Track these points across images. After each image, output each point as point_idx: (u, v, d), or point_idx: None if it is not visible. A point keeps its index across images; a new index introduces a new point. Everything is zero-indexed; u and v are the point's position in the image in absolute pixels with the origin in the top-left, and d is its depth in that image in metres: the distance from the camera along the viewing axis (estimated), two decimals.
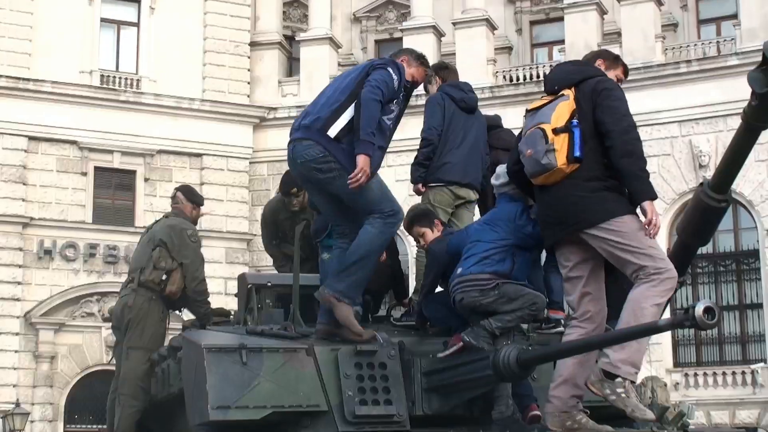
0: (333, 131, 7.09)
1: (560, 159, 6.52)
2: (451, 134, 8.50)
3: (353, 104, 7.12)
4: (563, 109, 6.63)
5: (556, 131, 6.57)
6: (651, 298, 6.39)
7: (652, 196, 6.49)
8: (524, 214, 7.24)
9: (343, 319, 6.99)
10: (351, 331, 6.99)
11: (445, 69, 8.89)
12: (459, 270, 7.18)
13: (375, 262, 7.15)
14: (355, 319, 7.03)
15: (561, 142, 6.54)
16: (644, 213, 6.42)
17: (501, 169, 7.46)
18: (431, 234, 7.93)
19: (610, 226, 6.50)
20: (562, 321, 8.07)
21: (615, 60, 7.17)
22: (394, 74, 7.20)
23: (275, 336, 7.04)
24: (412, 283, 9.52)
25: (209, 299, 9.12)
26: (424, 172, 8.47)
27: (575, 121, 6.59)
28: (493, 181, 7.58)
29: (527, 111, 6.91)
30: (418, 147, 8.59)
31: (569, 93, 6.70)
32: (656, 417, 7.90)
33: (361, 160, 6.91)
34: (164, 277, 8.99)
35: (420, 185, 8.56)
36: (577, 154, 6.51)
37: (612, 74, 6.98)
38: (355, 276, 7.06)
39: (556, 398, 6.65)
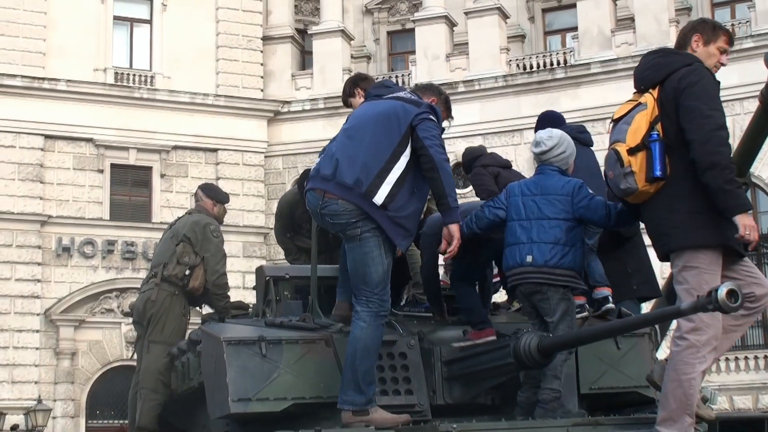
0: (379, 198, 6.60)
1: (640, 181, 6.00)
2: None
3: (399, 162, 6.66)
4: (640, 121, 6.07)
5: (631, 151, 6.01)
6: (693, 365, 5.87)
7: (743, 209, 5.79)
8: (582, 189, 6.94)
9: (387, 423, 6.57)
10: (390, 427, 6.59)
11: (364, 80, 8.33)
12: (529, 257, 6.87)
13: (377, 350, 6.71)
14: (389, 415, 6.61)
15: (639, 163, 5.98)
16: (736, 228, 5.76)
17: (541, 135, 7.22)
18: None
19: (680, 258, 5.97)
20: (610, 297, 7.98)
21: (714, 30, 6.36)
22: (435, 120, 6.84)
23: (294, 327, 6.99)
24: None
25: (228, 294, 9.12)
26: None
27: (655, 133, 5.99)
28: (533, 149, 7.28)
29: (612, 120, 6.35)
30: None
31: (649, 98, 6.11)
32: None
33: (455, 230, 6.65)
34: (187, 272, 9.00)
35: None
36: (657, 174, 5.95)
37: (713, 48, 6.29)
38: (362, 370, 6.60)
39: None
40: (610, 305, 8.05)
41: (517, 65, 33.98)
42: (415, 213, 6.77)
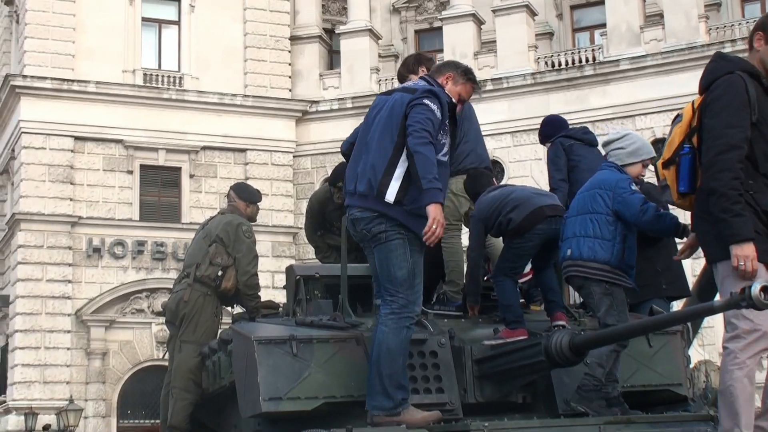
0: (390, 196, 6.58)
1: (674, 194, 6.01)
2: (462, 123, 8.38)
3: (403, 156, 6.63)
4: (675, 134, 6.03)
5: (665, 164, 6.00)
6: (732, 372, 5.79)
7: (737, 239, 5.70)
8: (623, 184, 6.96)
9: (418, 423, 6.49)
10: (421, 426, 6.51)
11: (428, 61, 8.34)
12: (569, 251, 6.96)
13: (403, 355, 6.60)
14: (419, 414, 6.54)
15: (671, 177, 5.97)
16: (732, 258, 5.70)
17: (615, 128, 7.23)
18: None
19: (718, 269, 5.93)
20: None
21: None
22: (432, 104, 6.67)
23: (325, 326, 6.99)
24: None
25: (259, 294, 9.12)
26: None
27: (687, 147, 5.93)
28: (606, 142, 7.34)
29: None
30: None
31: (687, 109, 6.03)
32: (712, 400, 7.82)
33: (432, 210, 6.38)
34: (220, 273, 8.99)
35: None
36: (681, 189, 5.94)
37: None
38: (387, 374, 6.53)
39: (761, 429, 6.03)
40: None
41: (546, 63, 33.86)
42: None
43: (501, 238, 7.79)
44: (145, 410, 32.31)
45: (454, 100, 6.91)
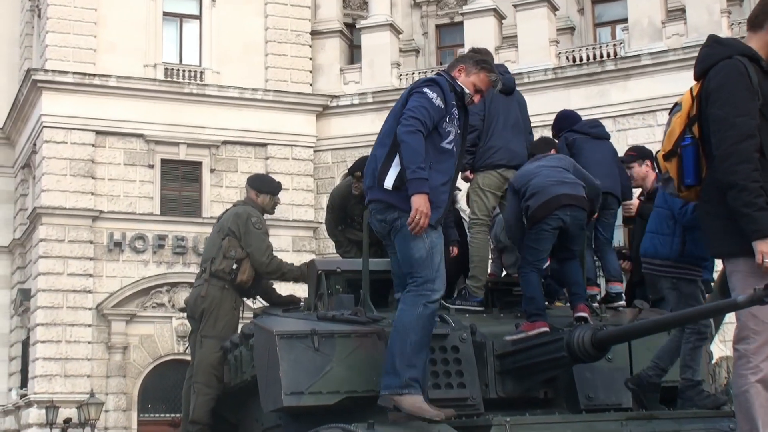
0: (389, 182, 6.58)
1: (678, 187, 5.81)
2: (493, 118, 8.35)
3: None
4: (675, 124, 5.81)
5: (666, 156, 5.81)
6: (745, 376, 5.58)
7: (762, 234, 5.42)
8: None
9: (414, 411, 6.33)
10: (425, 419, 6.31)
11: (477, 53, 8.47)
12: (649, 246, 7.02)
13: (417, 333, 6.45)
14: (424, 405, 6.35)
15: (673, 169, 5.77)
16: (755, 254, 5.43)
17: None
18: None
19: (725, 263, 5.75)
20: (623, 294, 8.21)
21: None
22: (432, 92, 6.62)
23: (346, 321, 7.00)
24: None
25: (284, 269, 9.03)
26: (471, 158, 8.31)
27: (688, 137, 5.72)
28: None
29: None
30: None
31: (686, 97, 5.81)
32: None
33: (415, 201, 6.34)
34: (234, 266, 8.97)
35: (468, 172, 8.43)
36: (688, 181, 5.73)
37: None
38: (399, 350, 6.42)
39: None
40: (622, 302, 8.09)
41: (567, 58, 33.75)
42: (437, 187, 6.59)
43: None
44: (165, 404, 32.43)
45: (467, 91, 6.83)
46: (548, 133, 9.66)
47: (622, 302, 8.29)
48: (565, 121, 9.24)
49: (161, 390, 32.58)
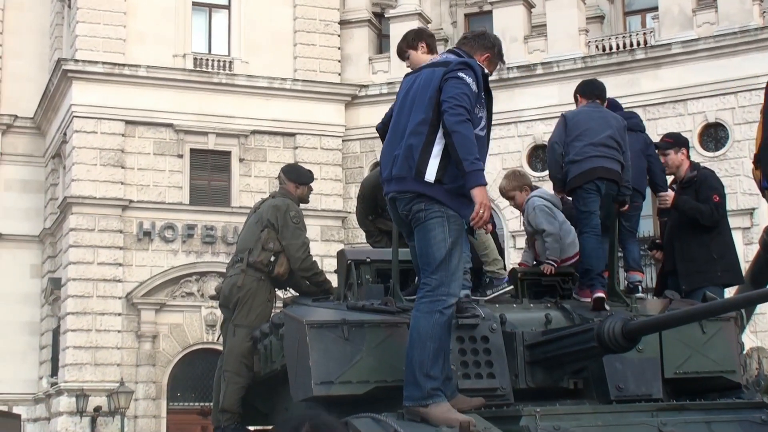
0: (430, 175, 6.33)
1: (763, 191, 5.77)
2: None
3: (439, 133, 6.36)
4: (758, 131, 5.82)
5: (755, 162, 5.80)
6: None
7: None
8: None
9: (442, 422, 6.16)
10: (451, 427, 6.11)
11: (430, 37, 7.66)
12: None
13: (434, 341, 6.28)
14: (451, 412, 6.18)
15: (759, 175, 5.77)
16: None
17: None
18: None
19: None
20: (640, 286, 8.22)
21: None
22: (467, 77, 6.38)
23: (376, 311, 6.97)
24: (509, 257, 9.46)
25: (320, 270, 9.07)
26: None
27: None
28: None
29: None
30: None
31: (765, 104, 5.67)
32: (764, 387, 7.79)
33: (478, 194, 6.14)
34: (272, 258, 8.97)
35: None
36: (765, 185, 5.71)
37: None
38: (418, 360, 6.27)
39: None
40: (640, 294, 8.10)
41: (596, 46, 33.58)
42: None
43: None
44: (194, 393, 32.58)
45: (487, 71, 6.69)
46: None
47: (641, 294, 8.22)
48: (608, 106, 9.14)
49: (190, 379, 32.75)
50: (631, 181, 8.03)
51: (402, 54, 7.43)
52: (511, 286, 7.82)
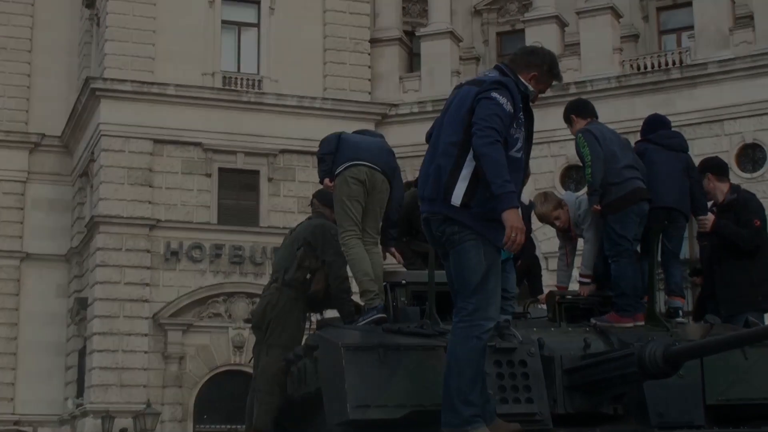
0: (456, 199, 6.24)
1: None
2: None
3: (469, 155, 6.24)
4: None
5: None
6: None
7: None
8: None
9: None
10: None
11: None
12: None
13: (472, 367, 6.24)
14: None
15: None
16: None
17: None
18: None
19: None
20: (680, 311, 8.23)
21: None
22: (501, 97, 6.23)
23: (412, 334, 6.90)
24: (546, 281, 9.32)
25: (350, 300, 8.93)
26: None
27: None
28: None
29: None
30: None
31: None
32: None
33: (509, 217, 6.02)
34: (308, 276, 8.88)
35: (328, 180, 8.48)
36: None
37: None
38: (454, 386, 6.24)
39: None
40: (680, 319, 8.14)
41: (631, 66, 33.41)
42: None
43: None
44: (221, 415, 32.35)
45: (531, 88, 6.48)
46: None
47: (681, 320, 8.18)
48: (647, 126, 8.90)
49: (217, 400, 32.54)
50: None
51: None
52: (383, 314, 7.59)
